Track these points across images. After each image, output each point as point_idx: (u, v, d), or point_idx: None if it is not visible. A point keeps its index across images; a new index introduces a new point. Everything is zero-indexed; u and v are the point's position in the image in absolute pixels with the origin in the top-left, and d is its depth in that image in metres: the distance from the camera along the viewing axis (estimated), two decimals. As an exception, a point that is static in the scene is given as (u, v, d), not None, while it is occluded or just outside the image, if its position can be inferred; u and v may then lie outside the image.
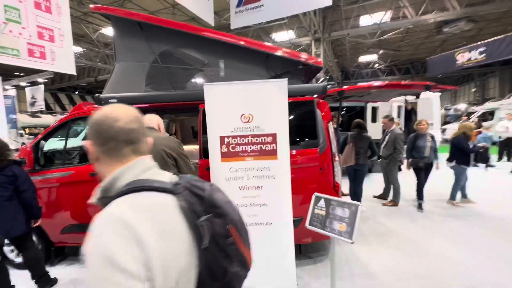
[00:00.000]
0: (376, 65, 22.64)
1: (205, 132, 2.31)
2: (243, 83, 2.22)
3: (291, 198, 2.28)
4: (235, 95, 2.22)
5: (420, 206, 4.31)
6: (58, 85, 21.81)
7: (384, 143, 4.38)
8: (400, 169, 4.48)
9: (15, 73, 18.93)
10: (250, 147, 2.26)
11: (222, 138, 2.26)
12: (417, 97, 3.22)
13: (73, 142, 3.40)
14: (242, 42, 2.65)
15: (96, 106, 2.84)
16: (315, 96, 2.58)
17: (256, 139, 2.24)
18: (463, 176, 4.32)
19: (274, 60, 2.70)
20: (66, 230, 2.83)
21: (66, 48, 9.76)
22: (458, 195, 4.52)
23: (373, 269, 2.67)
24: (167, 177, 0.75)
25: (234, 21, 8.24)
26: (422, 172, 4.28)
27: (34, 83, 16.72)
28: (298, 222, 2.51)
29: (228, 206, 0.74)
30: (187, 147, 4.78)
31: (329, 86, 2.58)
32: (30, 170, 2.80)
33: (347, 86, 2.70)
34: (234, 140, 2.26)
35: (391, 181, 4.48)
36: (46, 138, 2.93)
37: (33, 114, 15.77)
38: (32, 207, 2.37)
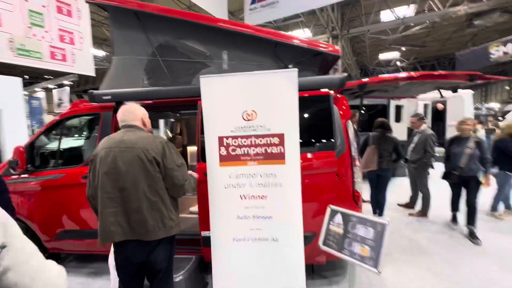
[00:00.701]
0: (398, 62, 21.43)
1: (204, 131, 2.00)
2: (245, 74, 1.89)
3: (301, 210, 1.91)
4: (236, 88, 1.90)
5: (454, 219, 3.67)
6: (82, 87, 22.72)
7: (413, 145, 3.86)
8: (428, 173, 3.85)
9: (45, 76, 19.99)
10: (253, 150, 1.92)
11: (220, 139, 1.95)
12: (455, 91, 2.72)
13: (69, 143, 3.26)
14: (247, 29, 2.32)
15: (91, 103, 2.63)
16: (331, 90, 2.20)
17: (261, 140, 1.90)
18: (507, 184, 3.71)
19: (284, 49, 2.34)
20: (59, 236, 2.64)
21: (85, 50, 9.98)
22: (501, 206, 3.90)
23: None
24: None
25: (249, 18, 7.98)
26: (457, 187, 3.40)
27: (60, 86, 17.57)
28: (310, 238, 2.13)
29: None
30: (192, 149, 4.55)
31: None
32: (22, 172, 2.65)
33: (370, 78, 2.29)
34: (235, 141, 1.93)
35: (420, 188, 3.95)
36: (40, 137, 2.77)
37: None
38: (8, 208, 2.17)
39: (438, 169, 3.89)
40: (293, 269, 1.94)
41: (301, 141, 1.90)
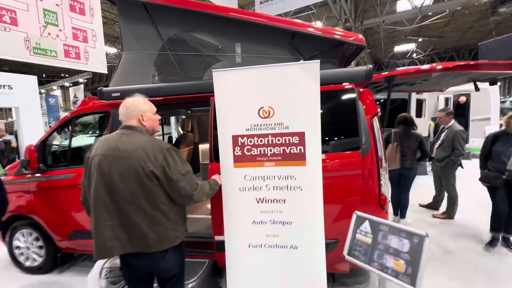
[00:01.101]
0: (414, 54, 20.50)
1: (217, 129, 1.86)
2: (261, 67, 1.73)
3: (323, 216, 1.75)
4: (251, 83, 1.74)
5: (492, 243, 2.89)
6: (97, 85, 23.23)
7: (439, 142, 3.59)
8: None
9: (61, 74, 20.59)
10: (271, 150, 1.77)
11: (235, 138, 1.80)
12: (494, 83, 2.44)
13: (79, 141, 3.21)
14: (262, 19, 2.14)
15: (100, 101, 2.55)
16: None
17: (279, 140, 1.75)
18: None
19: (302, 40, 2.16)
20: (72, 236, 2.60)
21: (98, 48, 10.07)
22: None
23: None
24: None
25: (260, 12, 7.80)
26: (501, 193, 2.76)
27: (76, 84, 18.04)
28: (332, 245, 1.97)
29: None
30: (204, 147, 4.44)
31: None
32: (33, 171, 2.61)
33: (400, 70, 2.07)
34: (251, 141, 1.78)
35: (446, 188, 3.68)
36: (52, 136, 2.72)
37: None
38: (4, 204, 2.11)
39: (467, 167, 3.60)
40: (314, 279, 1.79)
41: (322, 140, 1.73)
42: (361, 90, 2.03)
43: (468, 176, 3.86)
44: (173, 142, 4.02)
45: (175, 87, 2.22)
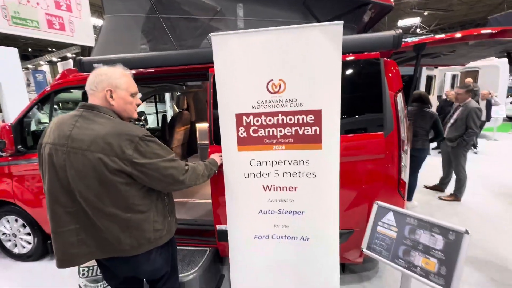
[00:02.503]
0: (418, 29, 19.66)
1: (217, 107, 1.59)
2: (272, 30, 1.42)
3: (338, 206, 1.56)
4: (259, 50, 1.44)
5: None
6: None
7: (452, 120, 3.36)
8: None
9: (48, 49, 19.39)
10: (281, 131, 1.52)
11: (239, 117, 1.54)
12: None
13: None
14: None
15: (81, 73, 2.22)
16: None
17: (291, 119, 1.49)
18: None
19: (316, 0, 1.82)
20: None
21: (84, 18, 9.27)
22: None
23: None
24: None
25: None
26: None
27: (64, 58, 17.04)
28: (346, 235, 1.81)
29: None
30: (202, 126, 4.16)
31: None
32: (11, 154, 2.34)
33: (431, 37, 1.78)
34: (257, 120, 1.52)
35: (455, 170, 3.53)
36: (29, 114, 2.42)
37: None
38: None
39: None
40: (326, 273, 1.64)
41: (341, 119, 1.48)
42: (387, 60, 1.74)
43: (476, 157, 3.71)
44: (168, 121, 3.72)
45: (166, 56, 1.90)
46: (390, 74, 1.74)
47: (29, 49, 19.81)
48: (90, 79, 1.16)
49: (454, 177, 3.64)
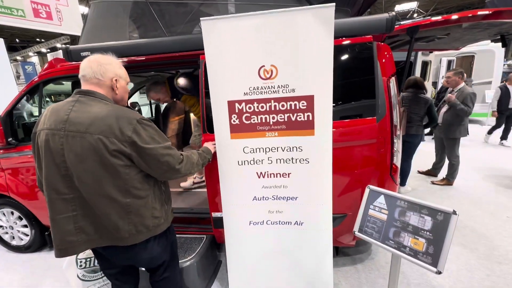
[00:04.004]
0: (415, 15, 19.38)
1: (209, 94, 1.57)
2: (263, 14, 1.38)
3: (331, 190, 1.58)
4: (250, 35, 1.41)
5: None
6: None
7: (447, 106, 3.38)
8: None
9: (37, 40, 18.78)
10: (274, 117, 1.52)
11: (231, 104, 1.53)
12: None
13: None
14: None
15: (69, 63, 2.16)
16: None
17: (283, 105, 1.48)
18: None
19: (309, -17, 1.77)
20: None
21: (71, 6, 8.96)
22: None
23: (436, 279, 2.02)
24: None
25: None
26: None
27: (53, 49, 16.53)
28: (339, 220, 1.85)
29: None
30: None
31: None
32: (2, 147, 2.31)
33: (424, 20, 1.75)
34: (250, 107, 1.51)
35: (448, 155, 3.58)
36: (18, 106, 2.37)
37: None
38: None
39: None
40: (320, 256, 1.69)
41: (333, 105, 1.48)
42: (380, 44, 1.72)
43: (469, 142, 3.75)
44: (162, 111, 3.68)
45: (155, 43, 1.85)
46: (383, 59, 1.73)
47: (17, 40, 19.18)
48: (93, 68, 1.14)
49: (447, 162, 3.70)
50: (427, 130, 6.22)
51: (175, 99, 4.10)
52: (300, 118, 1.49)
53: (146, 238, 1.22)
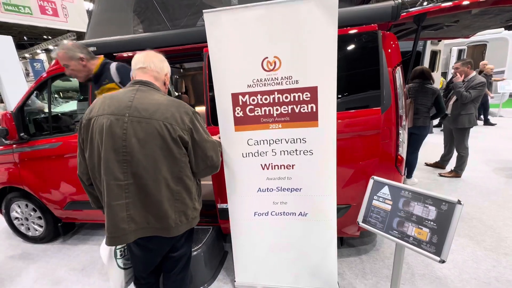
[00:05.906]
0: (425, 2, 18.78)
1: (213, 87, 1.59)
2: (265, 4, 1.38)
3: (335, 181, 1.59)
4: (253, 26, 1.41)
5: None
6: (81, 46, 21.50)
7: (455, 97, 3.30)
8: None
9: (44, 37, 19.01)
10: (277, 109, 1.52)
11: (235, 97, 1.54)
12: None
13: (62, 106, 2.93)
14: None
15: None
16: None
17: (287, 97, 1.49)
18: None
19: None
20: (68, 207, 2.50)
21: (77, 3, 9.01)
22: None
23: (441, 270, 2.02)
24: None
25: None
26: None
27: (60, 46, 16.72)
28: (343, 210, 1.86)
29: None
30: (201, 110, 4.13)
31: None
32: (15, 141, 2.39)
33: (432, 7, 1.70)
34: (253, 99, 1.52)
35: (457, 147, 3.52)
36: (28, 102, 2.44)
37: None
38: None
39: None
40: (324, 247, 1.71)
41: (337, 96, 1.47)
42: (385, 33, 1.69)
43: (476, 133, 3.67)
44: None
45: (159, 37, 1.87)
46: (389, 49, 1.70)
47: (25, 38, 19.45)
48: (154, 62, 1.23)
49: (455, 154, 3.64)
50: (435, 122, 6.12)
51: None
52: (303, 109, 1.49)
53: (185, 231, 1.26)
